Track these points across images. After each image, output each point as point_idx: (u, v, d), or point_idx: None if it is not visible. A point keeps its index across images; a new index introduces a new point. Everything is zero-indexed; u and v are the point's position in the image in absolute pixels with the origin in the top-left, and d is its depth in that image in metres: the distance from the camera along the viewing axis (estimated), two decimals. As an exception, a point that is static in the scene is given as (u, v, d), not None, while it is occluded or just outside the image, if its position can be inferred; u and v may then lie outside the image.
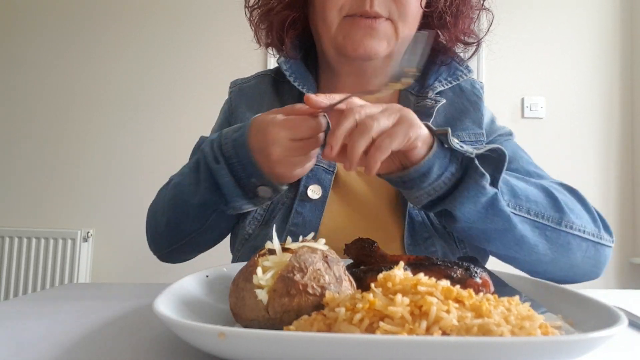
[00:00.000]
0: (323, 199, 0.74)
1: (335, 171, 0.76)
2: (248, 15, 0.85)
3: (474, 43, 0.84)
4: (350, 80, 0.81)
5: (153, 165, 2.14)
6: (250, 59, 2.03)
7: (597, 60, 2.32)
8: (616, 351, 0.40)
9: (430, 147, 0.56)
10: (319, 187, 0.74)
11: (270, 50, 0.88)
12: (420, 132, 0.54)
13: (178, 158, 0.98)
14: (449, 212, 0.60)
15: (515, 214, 0.62)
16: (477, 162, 0.57)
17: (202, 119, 1.18)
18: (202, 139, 0.83)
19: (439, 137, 0.57)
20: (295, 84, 0.79)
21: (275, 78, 0.87)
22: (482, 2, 0.83)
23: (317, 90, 0.83)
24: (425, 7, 0.76)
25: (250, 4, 0.84)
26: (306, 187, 0.74)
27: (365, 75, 0.80)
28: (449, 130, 0.57)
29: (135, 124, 2.26)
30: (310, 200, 0.74)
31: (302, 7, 0.80)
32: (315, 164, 0.72)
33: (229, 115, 0.86)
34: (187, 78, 2.26)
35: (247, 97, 0.86)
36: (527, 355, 0.30)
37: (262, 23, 0.84)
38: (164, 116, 2.22)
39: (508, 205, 0.61)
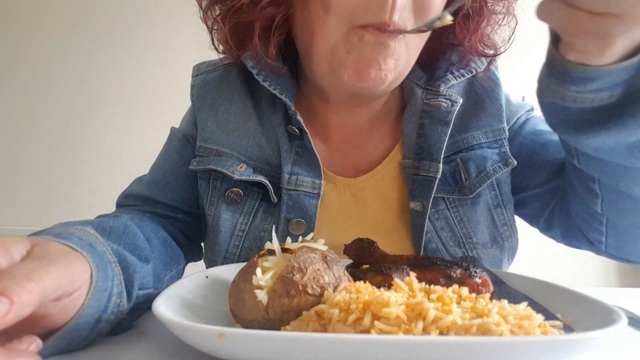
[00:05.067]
0: (309, 231, 0.63)
1: (320, 193, 0.64)
2: (201, 14, 0.65)
3: (490, 55, 0.69)
4: (340, 100, 0.66)
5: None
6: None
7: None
8: (616, 350, 0.40)
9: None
10: (302, 219, 0.63)
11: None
12: None
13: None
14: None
15: None
16: None
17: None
18: (173, 131, 0.76)
19: None
20: (265, 84, 0.65)
21: (247, 68, 0.69)
22: (507, 5, 0.66)
23: (296, 92, 0.69)
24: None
25: None
26: (288, 221, 0.63)
27: (360, 97, 0.65)
28: None
29: (136, 122, 2.26)
30: (294, 234, 0.63)
31: (287, 4, 0.61)
32: (295, 189, 0.63)
33: (194, 116, 0.71)
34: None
35: (211, 94, 0.70)
36: (526, 355, 0.30)
37: (227, 24, 0.63)
38: (164, 117, 2.22)
39: None
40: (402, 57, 0.57)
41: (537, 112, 0.70)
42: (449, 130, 0.63)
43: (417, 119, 0.66)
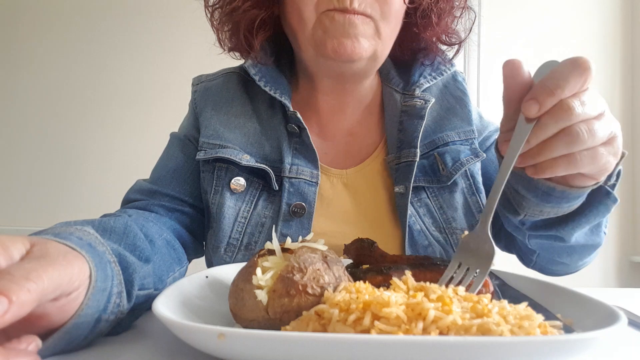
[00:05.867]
0: (309, 216, 0.69)
1: (318, 182, 0.71)
2: (208, 16, 0.75)
3: (455, 43, 0.80)
4: (328, 84, 0.74)
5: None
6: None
7: (597, 60, 2.32)
8: (616, 350, 0.40)
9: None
10: (303, 202, 0.69)
11: (234, 55, 0.79)
12: (614, 162, 0.49)
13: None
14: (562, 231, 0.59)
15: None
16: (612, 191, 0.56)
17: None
18: (173, 135, 0.80)
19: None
20: (267, 89, 0.72)
21: (245, 77, 0.78)
22: (464, 0, 0.77)
23: (292, 94, 0.77)
24: (409, 3, 0.71)
25: (211, 3, 0.75)
26: (289, 205, 0.69)
27: (345, 77, 0.72)
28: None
29: (136, 123, 2.26)
30: (294, 218, 0.69)
31: (271, 5, 0.71)
32: (296, 177, 0.70)
33: (195, 120, 0.77)
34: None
35: (213, 98, 0.77)
36: (526, 355, 0.30)
37: (226, 25, 0.75)
38: (164, 118, 2.22)
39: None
40: (373, 38, 0.66)
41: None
42: (424, 122, 0.73)
43: (397, 119, 0.75)
